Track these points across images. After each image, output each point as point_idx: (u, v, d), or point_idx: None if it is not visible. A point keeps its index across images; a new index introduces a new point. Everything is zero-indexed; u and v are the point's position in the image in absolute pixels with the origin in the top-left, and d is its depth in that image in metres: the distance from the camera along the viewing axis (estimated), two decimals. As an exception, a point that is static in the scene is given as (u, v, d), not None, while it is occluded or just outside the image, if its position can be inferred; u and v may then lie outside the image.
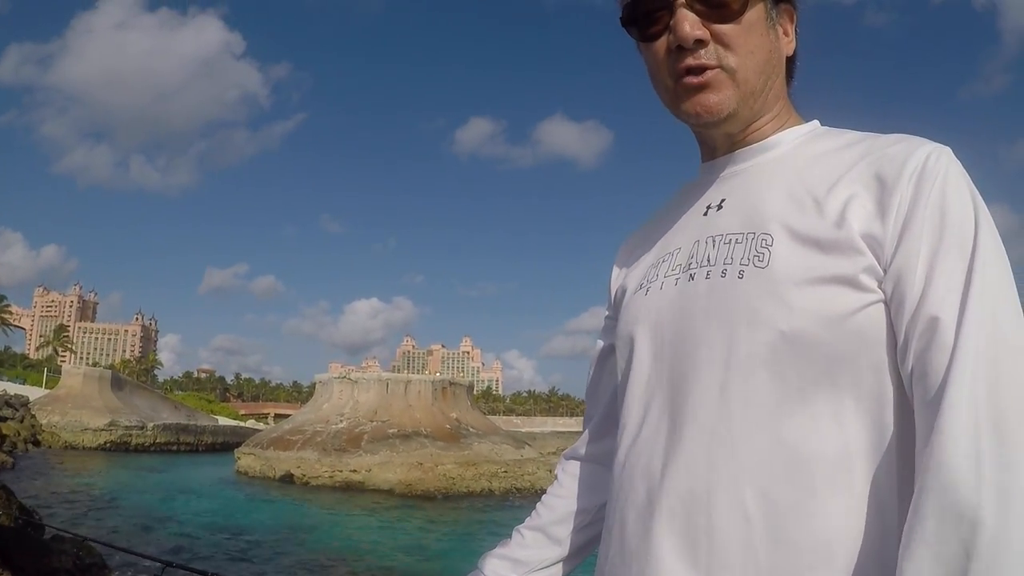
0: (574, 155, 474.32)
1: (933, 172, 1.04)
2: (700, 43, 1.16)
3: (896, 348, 1.02)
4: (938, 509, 0.88)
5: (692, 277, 1.19)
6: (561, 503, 1.46)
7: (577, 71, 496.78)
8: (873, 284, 1.03)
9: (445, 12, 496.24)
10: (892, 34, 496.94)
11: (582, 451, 1.50)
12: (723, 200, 1.26)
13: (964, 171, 1.06)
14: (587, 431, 1.51)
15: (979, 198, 1.05)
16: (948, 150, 1.07)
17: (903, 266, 1.01)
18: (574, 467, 1.50)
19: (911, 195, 1.03)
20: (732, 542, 1.01)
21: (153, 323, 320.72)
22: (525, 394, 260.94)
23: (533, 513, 1.48)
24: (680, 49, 1.17)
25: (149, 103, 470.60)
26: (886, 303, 1.03)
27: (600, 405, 1.49)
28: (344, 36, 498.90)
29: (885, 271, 1.03)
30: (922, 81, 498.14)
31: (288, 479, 38.54)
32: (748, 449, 1.04)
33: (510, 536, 1.46)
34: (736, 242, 1.16)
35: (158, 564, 4.53)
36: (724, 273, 1.14)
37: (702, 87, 1.18)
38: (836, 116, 1.30)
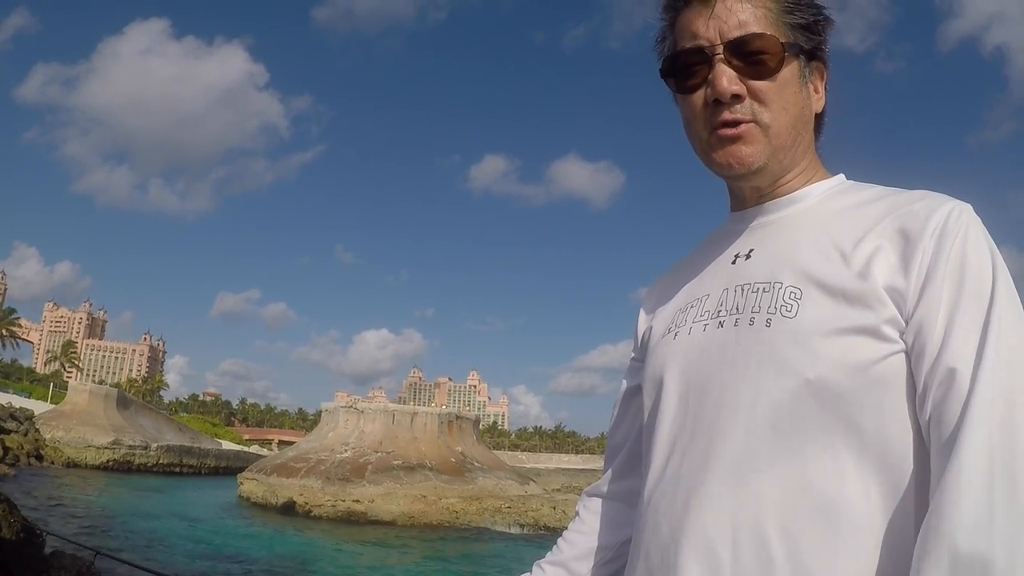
0: (586, 195, 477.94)
1: (954, 229, 1.08)
2: (736, 98, 1.20)
3: (916, 396, 1.06)
4: (948, 554, 0.90)
5: (721, 324, 1.23)
6: (582, 539, 1.48)
7: (592, 112, 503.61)
8: (895, 335, 1.07)
9: (465, 52, 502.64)
10: (901, 82, 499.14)
11: (604, 488, 1.53)
12: (751, 250, 1.29)
13: (983, 227, 1.11)
14: (610, 469, 1.53)
15: (997, 253, 1.09)
16: (969, 207, 1.12)
17: (924, 318, 1.06)
18: (596, 504, 1.53)
19: (933, 250, 1.08)
20: None
21: (161, 344, 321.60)
22: (531, 430, 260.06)
23: (554, 548, 1.50)
24: (717, 103, 1.21)
25: (170, 128, 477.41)
26: (907, 353, 1.07)
27: (624, 444, 1.51)
28: (365, 72, 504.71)
29: (907, 322, 1.07)
30: (931, 128, 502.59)
31: (290, 507, 38.20)
32: (773, 491, 1.06)
33: (530, 571, 1.47)
34: (764, 291, 1.20)
35: None
36: (752, 321, 1.18)
37: (735, 139, 1.21)
38: (847, 164, 1.37)
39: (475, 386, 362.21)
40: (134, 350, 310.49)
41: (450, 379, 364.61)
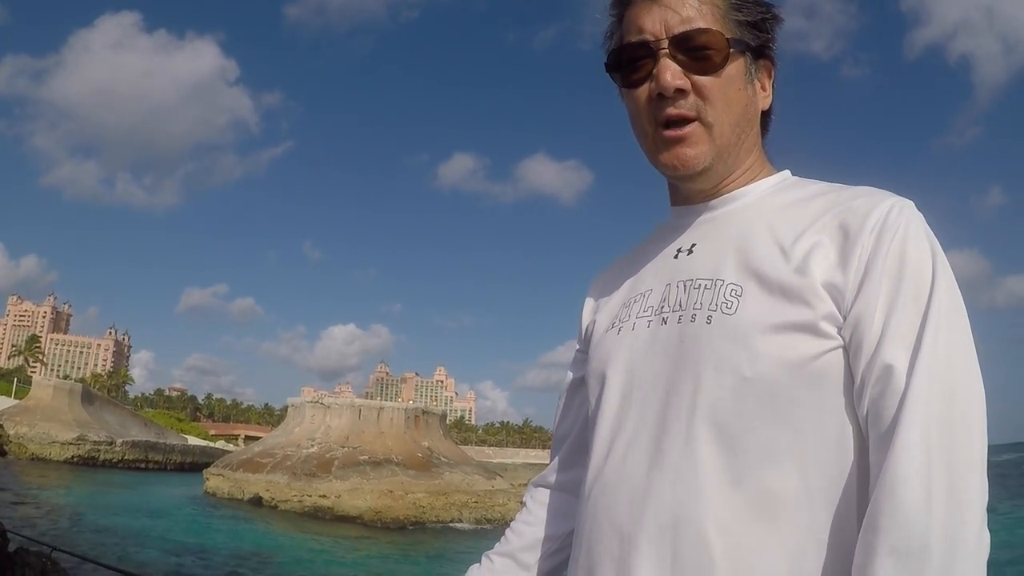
0: (554, 193, 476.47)
1: (894, 225, 1.09)
2: (680, 93, 1.21)
3: (853, 392, 1.08)
4: (889, 546, 0.93)
5: (664, 321, 1.24)
6: (530, 530, 1.48)
7: (561, 112, 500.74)
8: (833, 331, 1.08)
9: (435, 51, 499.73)
10: (867, 88, 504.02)
11: (551, 479, 1.53)
12: (694, 245, 1.30)
13: (925, 224, 1.12)
14: (556, 459, 1.54)
15: (939, 250, 1.10)
16: (910, 203, 1.13)
17: (861, 314, 1.07)
18: (543, 495, 1.53)
19: (872, 246, 1.09)
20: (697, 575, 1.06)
21: (126, 338, 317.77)
22: (498, 425, 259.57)
23: (502, 539, 1.50)
24: (661, 97, 1.22)
25: (140, 122, 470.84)
26: (845, 349, 1.08)
27: (569, 435, 1.52)
28: (336, 70, 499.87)
29: (844, 318, 1.08)
30: (896, 132, 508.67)
31: (257, 502, 38.18)
32: (712, 487, 1.08)
33: (479, 562, 1.48)
34: (705, 288, 1.21)
35: None
36: (694, 318, 1.19)
37: (680, 140, 1.22)
38: (810, 166, 1.36)
39: (442, 381, 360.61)
40: (99, 345, 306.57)
41: (417, 374, 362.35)
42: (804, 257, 1.12)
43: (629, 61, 1.26)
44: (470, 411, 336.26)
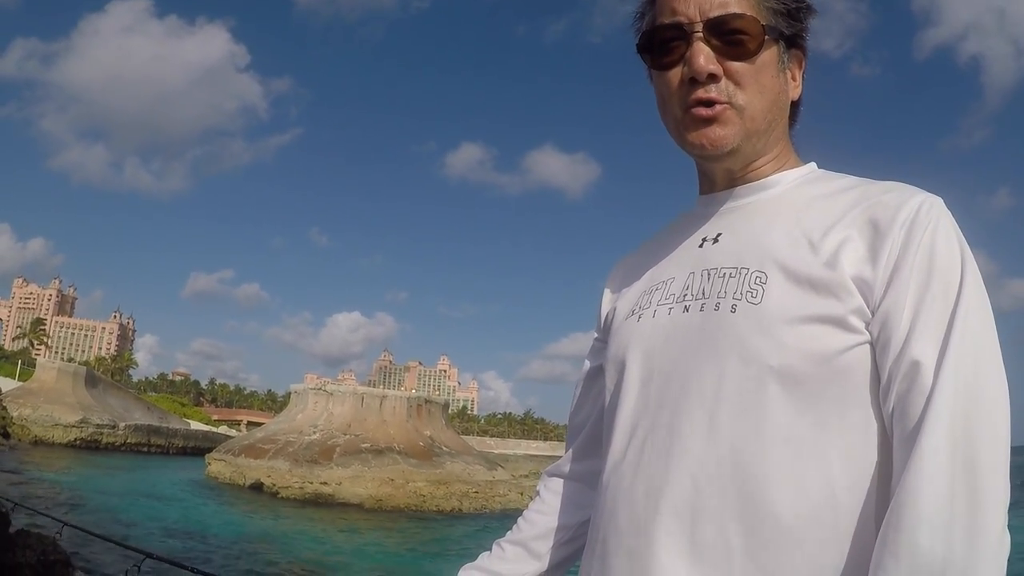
0: (561, 185, 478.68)
1: (924, 221, 1.08)
2: (713, 78, 1.19)
3: (880, 388, 1.06)
4: (909, 549, 0.92)
5: (687, 308, 1.22)
6: (542, 519, 1.47)
7: (569, 105, 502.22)
8: (861, 326, 1.07)
9: (445, 42, 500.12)
10: (876, 87, 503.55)
11: (566, 469, 1.52)
12: (719, 234, 1.28)
13: (954, 221, 1.11)
14: (571, 450, 1.53)
15: (967, 248, 1.09)
16: (940, 200, 1.12)
17: (890, 310, 1.05)
18: (557, 484, 1.51)
19: (902, 242, 1.07)
20: (717, 569, 1.04)
21: (131, 322, 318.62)
22: (500, 416, 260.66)
23: (514, 527, 1.48)
24: (693, 81, 1.19)
25: (149, 107, 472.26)
26: (872, 344, 1.07)
27: (585, 425, 1.50)
28: (346, 57, 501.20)
29: (873, 313, 1.07)
30: (904, 132, 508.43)
31: (258, 487, 38.26)
32: (734, 479, 1.06)
33: (490, 549, 1.46)
34: (730, 276, 1.19)
35: (139, 555, 4.52)
36: (717, 307, 1.17)
37: (710, 120, 1.20)
38: (822, 162, 1.35)
39: (445, 371, 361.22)
40: (104, 328, 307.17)
41: (420, 363, 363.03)
42: (834, 251, 1.11)
43: (661, 43, 1.24)
44: (472, 401, 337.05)
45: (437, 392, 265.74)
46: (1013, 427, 1.01)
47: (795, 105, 1.32)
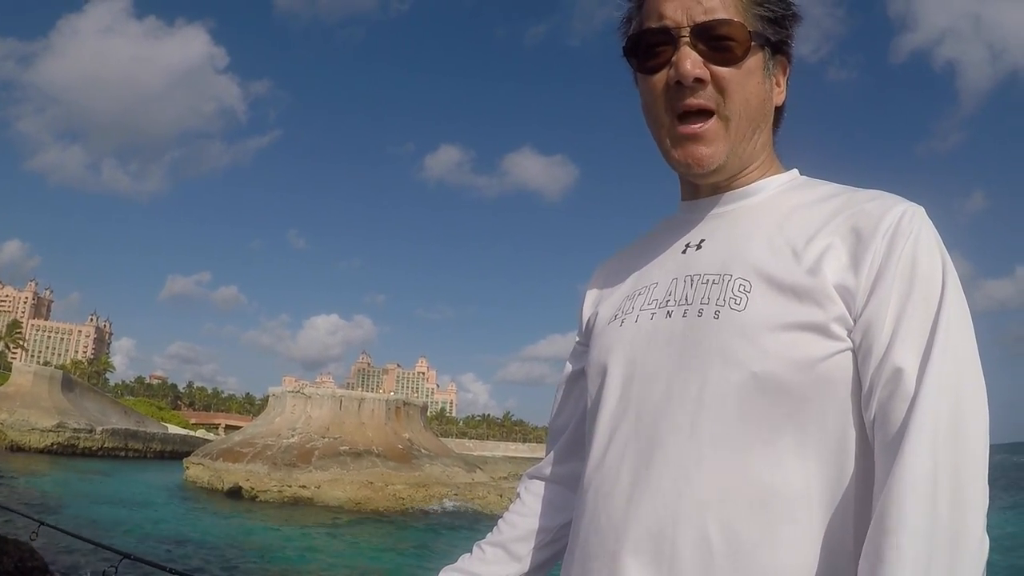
0: (539, 187, 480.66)
1: (906, 230, 1.10)
2: (699, 83, 1.19)
3: (861, 395, 1.08)
4: (896, 547, 0.94)
5: (669, 314, 1.23)
6: (523, 520, 1.47)
7: (548, 107, 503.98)
8: (843, 333, 1.09)
9: (425, 44, 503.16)
10: (853, 91, 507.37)
11: (546, 471, 1.52)
12: (703, 240, 1.29)
13: (935, 231, 1.13)
14: (552, 452, 1.53)
15: (947, 257, 1.11)
16: (921, 210, 1.14)
17: (872, 318, 1.07)
18: (537, 486, 1.52)
19: (884, 250, 1.09)
20: (695, 572, 1.06)
21: (108, 325, 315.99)
22: (479, 418, 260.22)
23: (494, 529, 1.49)
24: (679, 86, 1.20)
25: (127, 108, 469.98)
26: (854, 352, 1.09)
27: (566, 428, 1.51)
28: (325, 60, 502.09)
29: (855, 321, 1.09)
30: (881, 135, 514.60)
31: (236, 492, 37.96)
32: (714, 483, 1.07)
33: (471, 551, 1.46)
34: (713, 283, 1.20)
35: (116, 556, 4.52)
36: (701, 313, 1.18)
37: (696, 138, 1.22)
38: (799, 165, 1.37)
39: (424, 373, 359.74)
40: (80, 331, 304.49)
41: (399, 365, 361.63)
42: (816, 259, 1.12)
43: (648, 47, 1.25)
44: (451, 403, 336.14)
45: (416, 394, 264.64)
46: (997, 426, 1.06)
47: (778, 111, 1.34)
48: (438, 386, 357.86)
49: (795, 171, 1.35)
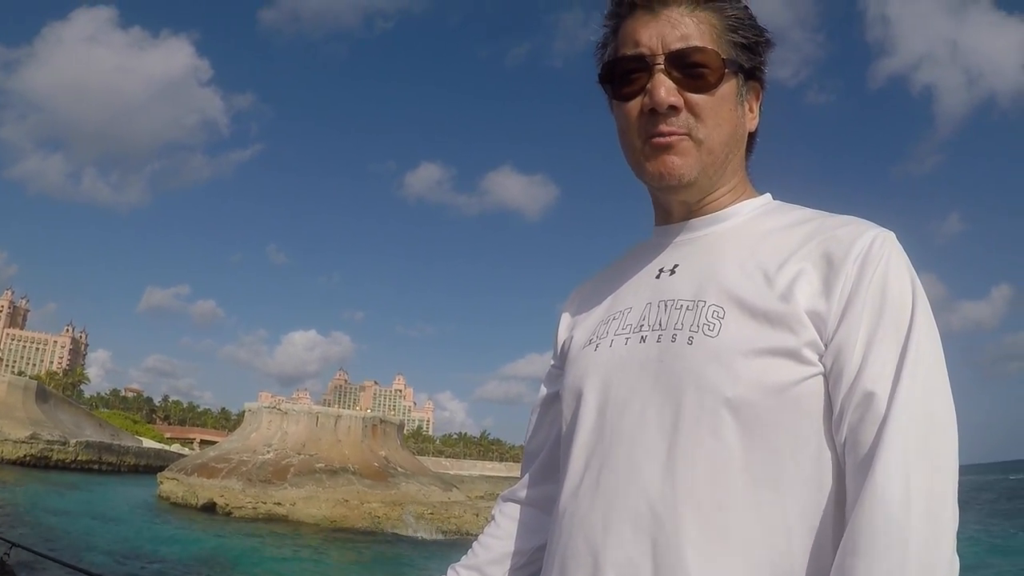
0: (520, 207, 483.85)
1: (877, 256, 1.11)
2: (673, 109, 1.20)
3: (832, 419, 1.09)
4: (868, 570, 0.95)
5: (643, 339, 1.23)
6: (498, 543, 1.48)
7: (529, 127, 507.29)
8: (814, 358, 1.10)
9: (408, 62, 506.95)
10: (832, 114, 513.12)
11: (521, 494, 1.52)
12: (676, 265, 1.30)
13: (905, 255, 1.14)
14: (527, 475, 1.53)
15: (918, 281, 1.12)
16: (892, 235, 1.16)
17: (843, 342, 1.09)
18: (512, 509, 1.52)
19: (855, 276, 1.10)
20: None
21: (84, 336, 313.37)
22: (456, 436, 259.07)
23: (469, 552, 1.48)
24: (653, 112, 1.21)
25: (109, 118, 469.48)
26: (825, 376, 1.10)
27: (541, 451, 1.51)
28: (308, 75, 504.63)
29: (826, 346, 1.10)
30: (859, 158, 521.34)
31: (211, 507, 37.62)
32: (691, 509, 1.08)
33: (445, 573, 1.45)
34: (687, 309, 1.20)
35: None
36: (674, 338, 1.18)
37: (668, 148, 1.22)
38: (774, 189, 1.37)
39: (401, 391, 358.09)
40: (56, 342, 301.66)
41: (376, 383, 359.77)
42: (788, 284, 1.14)
43: (623, 73, 1.26)
44: (428, 421, 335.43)
45: (392, 412, 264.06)
46: (976, 446, 1.08)
47: (752, 136, 1.35)
48: (415, 404, 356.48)
49: (768, 195, 1.37)
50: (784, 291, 1.13)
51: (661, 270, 1.32)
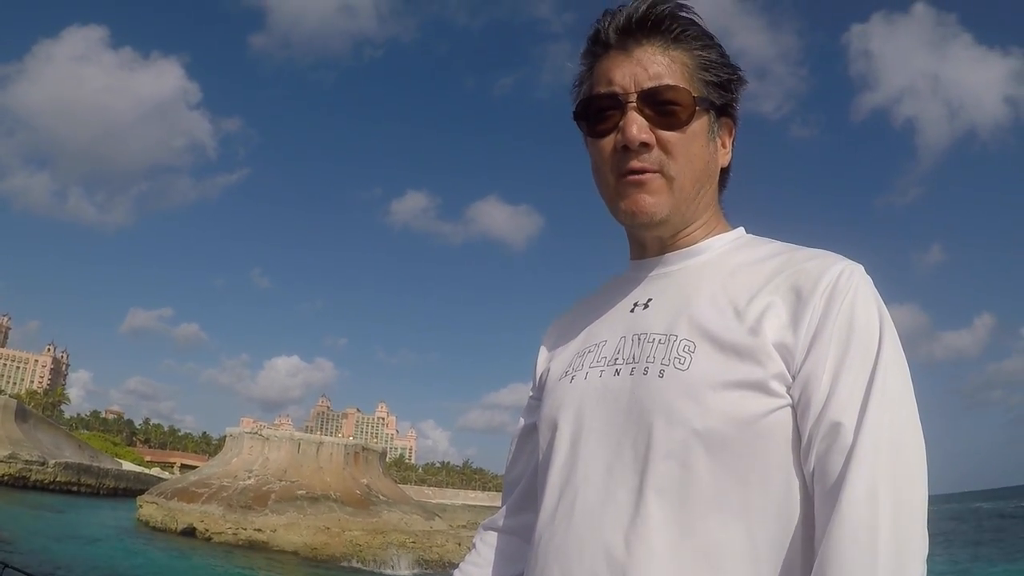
0: (504, 236, 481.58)
1: (844, 288, 1.14)
2: (645, 146, 1.23)
3: (800, 449, 1.11)
4: None
5: (617, 372, 1.26)
6: (477, 571, 1.51)
7: (515, 157, 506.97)
8: (782, 390, 1.12)
9: (396, 91, 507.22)
10: (814, 148, 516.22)
11: (500, 522, 1.55)
12: (650, 300, 1.33)
13: (873, 287, 1.17)
14: (506, 505, 1.55)
15: (886, 313, 1.15)
16: (860, 267, 1.18)
17: (810, 374, 1.10)
18: (492, 537, 1.55)
19: (823, 309, 1.12)
20: None
21: (65, 356, 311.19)
22: (438, 465, 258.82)
23: None
24: (626, 149, 1.24)
25: (97, 138, 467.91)
26: (794, 407, 1.12)
27: (520, 480, 1.53)
28: (297, 101, 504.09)
29: (794, 378, 1.12)
30: (841, 191, 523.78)
31: (190, 532, 37.31)
32: (660, 538, 1.10)
33: None
34: (659, 342, 1.23)
35: None
36: (646, 371, 1.21)
37: (640, 186, 1.25)
38: (756, 222, 1.40)
39: (383, 418, 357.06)
40: (36, 361, 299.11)
41: (358, 410, 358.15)
42: (757, 317, 1.16)
43: (597, 111, 1.29)
44: (410, 450, 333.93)
45: (375, 440, 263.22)
46: (960, 475, 1.11)
47: (724, 172, 1.38)
48: (397, 432, 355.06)
49: (741, 229, 1.39)
50: (753, 324, 1.16)
51: (635, 304, 1.35)
